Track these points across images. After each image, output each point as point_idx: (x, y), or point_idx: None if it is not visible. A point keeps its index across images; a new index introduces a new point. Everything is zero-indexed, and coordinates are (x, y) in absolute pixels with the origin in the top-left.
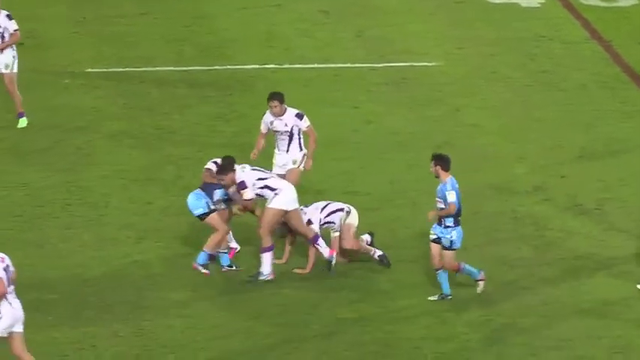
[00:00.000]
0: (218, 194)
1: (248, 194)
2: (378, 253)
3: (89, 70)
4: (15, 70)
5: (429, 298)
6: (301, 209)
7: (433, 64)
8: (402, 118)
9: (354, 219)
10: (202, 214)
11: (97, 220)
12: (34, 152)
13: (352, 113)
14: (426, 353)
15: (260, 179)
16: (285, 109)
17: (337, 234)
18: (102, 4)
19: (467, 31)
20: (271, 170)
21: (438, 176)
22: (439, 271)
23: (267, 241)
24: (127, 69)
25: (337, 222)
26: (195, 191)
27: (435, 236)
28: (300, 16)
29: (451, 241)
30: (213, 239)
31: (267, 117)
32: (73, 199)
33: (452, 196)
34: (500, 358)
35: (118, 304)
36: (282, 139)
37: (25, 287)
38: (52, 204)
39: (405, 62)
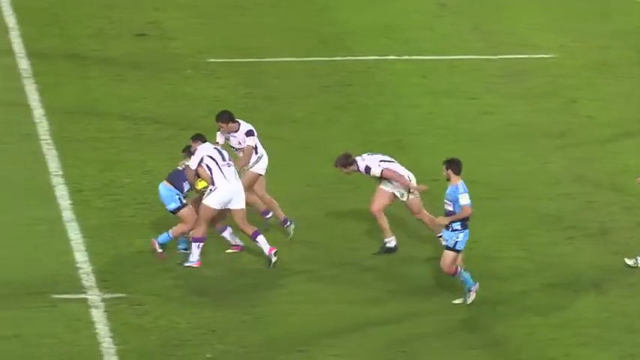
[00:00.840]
0: (187, 186)
1: (191, 163)
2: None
3: (211, 60)
4: None
5: (454, 302)
6: (361, 157)
7: (549, 56)
8: (519, 110)
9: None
10: (175, 209)
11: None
12: (158, 140)
13: (470, 104)
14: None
15: (210, 157)
16: (239, 124)
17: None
18: None
19: (583, 24)
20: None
21: (449, 179)
22: (459, 273)
23: (199, 231)
24: (248, 59)
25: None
26: (164, 185)
27: (445, 242)
28: (419, 8)
29: (455, 242)
30: (179, 228)
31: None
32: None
33: (464, 199)
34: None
35: (235, 293)
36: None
37: (148, 273)
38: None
39: (522, 54)
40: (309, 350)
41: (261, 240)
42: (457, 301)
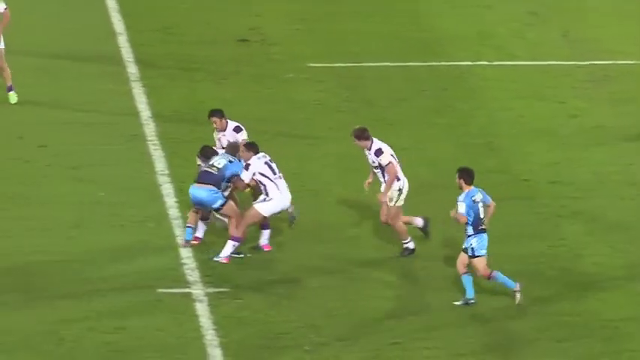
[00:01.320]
0: (224, 185)
1: (245, 177)
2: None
3: (311, 64)
4: (2, 46)
5: (454, 303)
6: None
7: (634, 62)
8: (604, 113)
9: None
10: (221, 205)
11: (319, 206)
12: (260, 142)
13: (558, 108)
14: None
15: (263, 174)
16: (227, 123)
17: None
18: (324, 2)
19: None
20: None
21: (460, 188)
22: (463, 276)
23: (239, 232)
24: (348, 64)
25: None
26: (202, 187)
27: (464, 245)
28: (511, 16)
29: (472, 249)
30: (233, 225)
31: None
32: (297, 186)
33: (461, 207)
34: None
35: (336, 286)
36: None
37: (249, 269)
38: None
39: (608, 60)
40: (403, 343)
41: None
42: (457, 303)
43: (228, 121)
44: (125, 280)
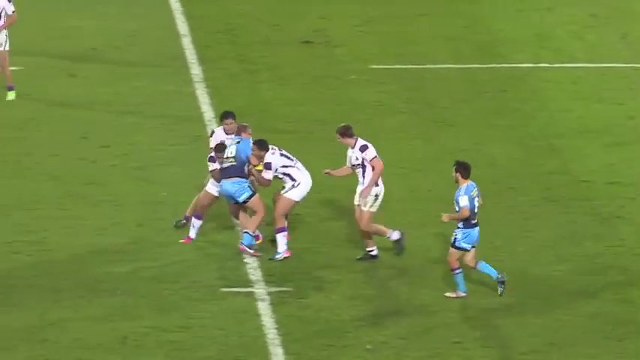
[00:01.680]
0: (247, 168)
1: (269, 175)
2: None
3: (373, 66)
4: (7, 48)
5: (445, 295)
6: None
7: None
8: None
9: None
10: (248, 198)
11: (379, 207)
12: (323, 142)
13: (617, 109)
14: None
15: (284, 166)
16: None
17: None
18: (387, 4)
19: None
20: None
21: (457, 181)
22: (456, 271)
23: (281, 223)
24: (409, 66)
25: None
26: (229, 180)
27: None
28: (570, 19)
29: (455, 239)
30: (254, 220)
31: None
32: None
33: (464, 201)
34: None
35: (400, 284)
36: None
37: (311, 268)
38: (337, 189)
39: None
40: (464, 342)
41: (282, 239)
42: (448, 294)
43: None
44: (188, 279)
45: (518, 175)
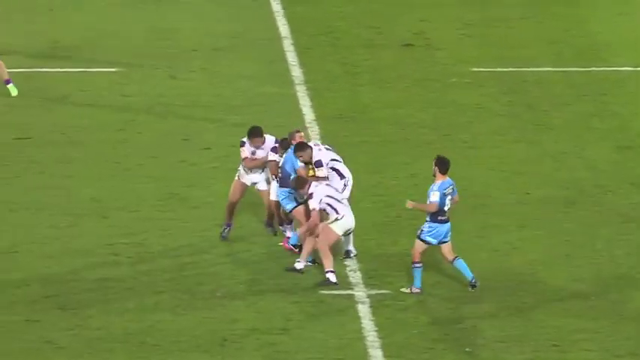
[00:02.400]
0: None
1: (323, 172)
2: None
3: (474, 69)
4: None
5: (401, 290)
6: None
7: None
8: None
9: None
10: (294, 208)
11: (479, 209)
12: (423, 145)
13: None
14: None
15: (333, 160)
16: (265, 139)
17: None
18: (488, 8)
19: None
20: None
21: (434, 175)
22: (455, 261)
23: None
24: (509, 69)
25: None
26: (280, 189)
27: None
28: None
29: (421, 231)
30: (302, 229)
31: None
32: (458, 189)
33: (434, 196)
34: None
35: (499, 287)
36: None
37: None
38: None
39: None
40: (562, 345)
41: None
42: (404, 289)
43: (267, 136)
44: (288, 282)
45: (617, 178)
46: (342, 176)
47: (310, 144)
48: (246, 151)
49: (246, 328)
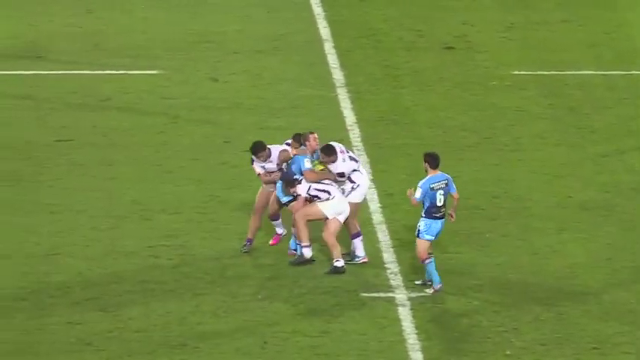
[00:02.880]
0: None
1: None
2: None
3: (515, 72)
4: None
5: (416, 282)
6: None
7: None
8: None
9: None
10: (289, 202)
11: (521, 212)
12: (465, 147)
13: None
14: None
15: (354, 170)
16: (270, 151)
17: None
18: (530, 11)
19: None
20: None
21: (425, 171)
22: (426, 261)
23: (354, 228)
24: (550, 72)
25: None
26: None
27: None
28: None
29: (418, 230)
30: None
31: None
32: (500, 192)
33: (417, 192)
34: None
35: (540, 290)
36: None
37: (451, 273)
38: (479, 195)
39: None
40: (602, 348)
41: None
42: (417, 282)
43: (271, 147)
44: (329, 284)
45: None
46: (352, 182)
47: (337, 149)
48: (257, 168)
49: (287, 330)
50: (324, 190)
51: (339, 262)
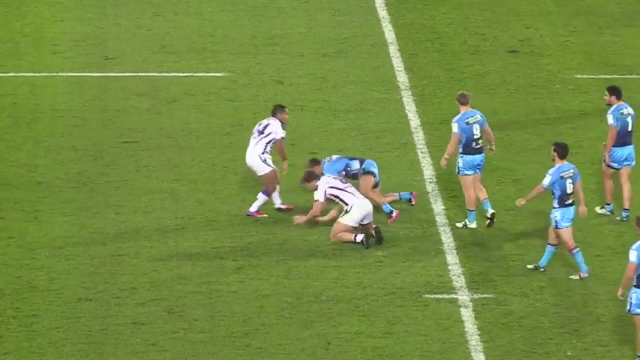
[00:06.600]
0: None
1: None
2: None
3: (578, 76)
4: None
5: (570, 277)
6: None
7: None
8: None
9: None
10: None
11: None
12: (528, 150)
13: None
14: None
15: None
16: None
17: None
18: (592, 15)
19: None
20: None
21: (553, 160)
22: (572, 251)
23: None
24: (613, 76)
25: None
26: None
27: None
28: None
29: (556, 221)
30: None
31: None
32: None
33: (546, 180)
34: None
35: (601, 292)
36: None
37: (515, 276)
38: (542, 198)
39: None
40: None
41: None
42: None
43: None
44: (392, 285)
45: None
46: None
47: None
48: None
49: (350, 331)
50: (338, 197)
51: (359, 237)
